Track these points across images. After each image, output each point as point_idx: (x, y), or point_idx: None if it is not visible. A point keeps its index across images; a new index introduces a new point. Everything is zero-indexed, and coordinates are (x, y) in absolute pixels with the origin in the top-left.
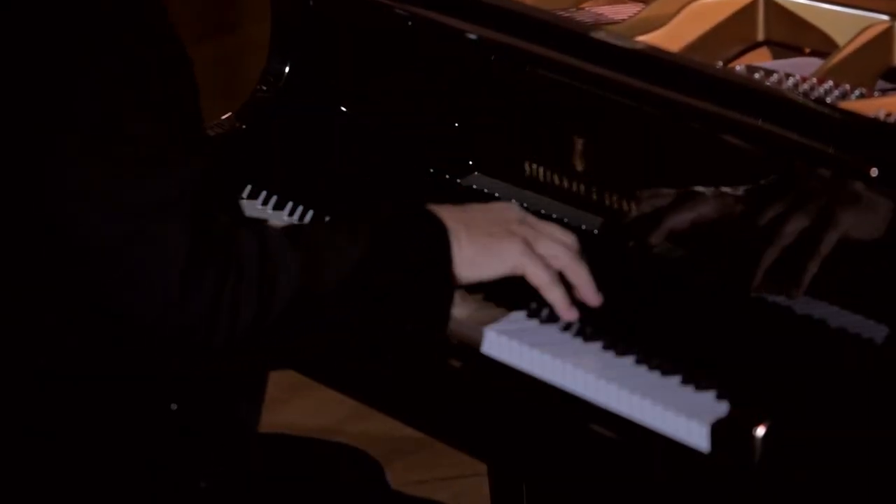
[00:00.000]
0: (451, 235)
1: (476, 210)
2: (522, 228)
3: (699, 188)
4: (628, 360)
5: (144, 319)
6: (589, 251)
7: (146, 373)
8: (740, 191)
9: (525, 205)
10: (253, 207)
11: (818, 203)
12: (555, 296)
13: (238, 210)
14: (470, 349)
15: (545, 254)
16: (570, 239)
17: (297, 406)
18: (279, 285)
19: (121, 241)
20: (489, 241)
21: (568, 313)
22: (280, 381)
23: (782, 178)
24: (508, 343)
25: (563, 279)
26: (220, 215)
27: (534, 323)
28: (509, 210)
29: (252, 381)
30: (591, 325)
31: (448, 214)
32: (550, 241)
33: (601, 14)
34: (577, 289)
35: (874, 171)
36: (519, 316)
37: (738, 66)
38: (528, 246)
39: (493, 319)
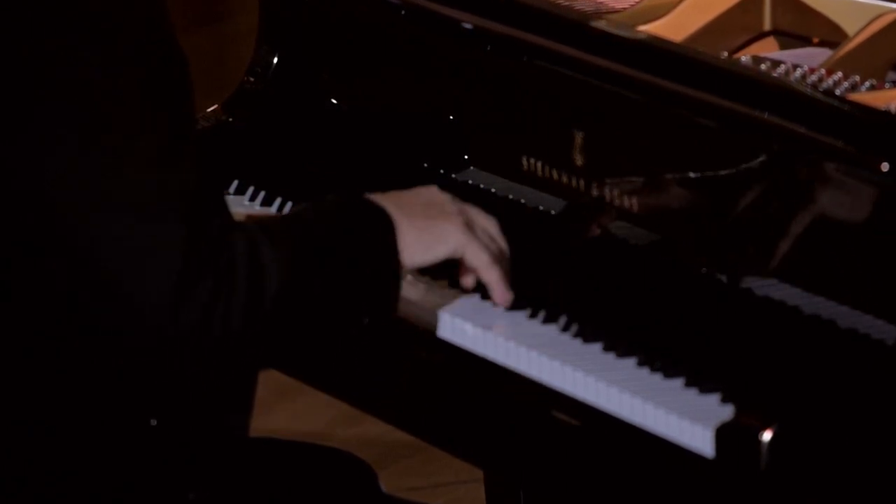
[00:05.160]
0: (395, 222)
1: (408, 195)
2: (456, 209)
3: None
4: (630, 363)
5: (134, 327)
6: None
7: (121, 386)
8: (744, 186)
9: (523, 201)
10: (240, 203)
11: (826, 200)
12: (494, 276)
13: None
14: (465, 349)
15: (481, 236)
16: (494, 223)
17: (286, 410)
18: (265, 292)
19: (115, 240)
20: (429, 224)
21: (504, 296)
22: (267, 385)
23: (790, 173)
24: (505, 343)
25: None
26: (214, 219)
27: (532, 322)
28: (438, 193)
29: (239, 391)
30: (592, 326)
31: (385, 202)
32: (483, 224)
33: (602, 2)
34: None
35: (885, 166)
36: (518, 315)
37: (744, 57)
38: (468, 227)
39: (491, 318)
